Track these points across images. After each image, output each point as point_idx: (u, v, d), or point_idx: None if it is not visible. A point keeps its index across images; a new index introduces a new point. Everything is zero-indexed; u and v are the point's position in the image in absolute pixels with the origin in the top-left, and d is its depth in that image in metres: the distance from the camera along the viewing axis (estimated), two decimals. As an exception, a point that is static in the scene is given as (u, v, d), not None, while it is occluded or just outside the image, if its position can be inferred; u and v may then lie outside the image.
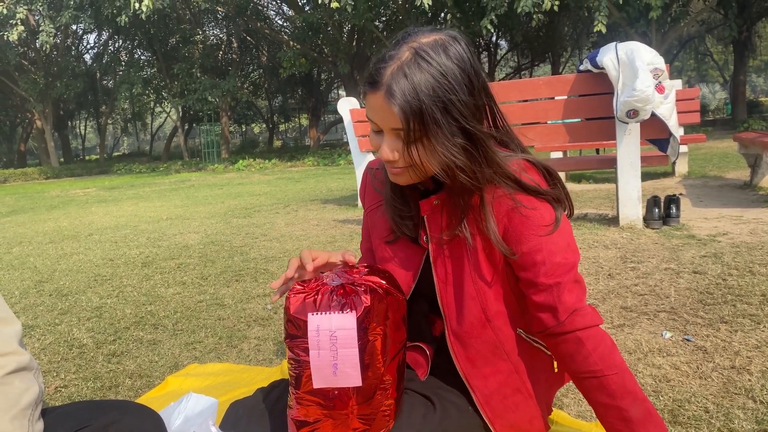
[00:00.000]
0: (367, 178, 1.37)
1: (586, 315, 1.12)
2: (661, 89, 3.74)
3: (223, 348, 2.38)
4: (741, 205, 4.68)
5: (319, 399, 1.05)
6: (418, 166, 1.05)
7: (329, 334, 1.01)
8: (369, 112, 1.06)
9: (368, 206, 1.36)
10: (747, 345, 1.96)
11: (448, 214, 1.16)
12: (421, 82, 0.98)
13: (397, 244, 1.27)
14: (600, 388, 1.10)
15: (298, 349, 1.04)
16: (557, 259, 1.10)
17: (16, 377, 1.01)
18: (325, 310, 1.02)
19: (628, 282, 2.80)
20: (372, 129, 1.09)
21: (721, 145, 11.28)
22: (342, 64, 19.94)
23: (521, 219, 1.09)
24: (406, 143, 1.03)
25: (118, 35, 26.56)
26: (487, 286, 1.15)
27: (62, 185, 16.01)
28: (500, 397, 1.20)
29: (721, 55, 37.51)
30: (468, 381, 1.19)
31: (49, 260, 4.54)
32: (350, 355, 1.01)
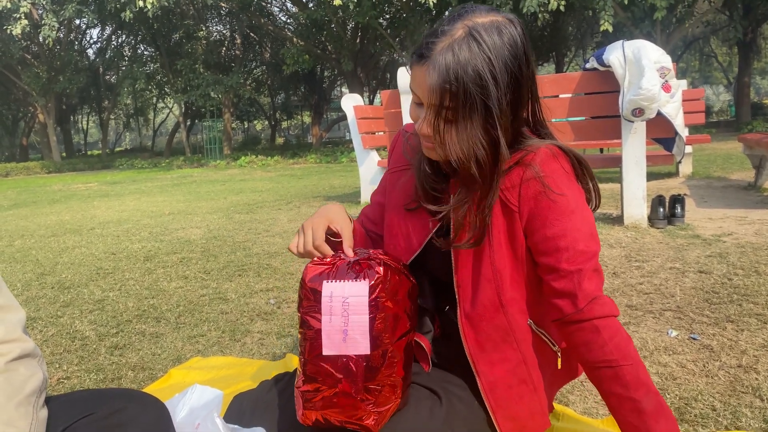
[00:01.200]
0: (399, 140, 1.35)
1: (605, 304, 1.11)
2: (668, 88, 3.73)
3: (227, 342, 2.37)
4: (745, 205, 4.66)
5: (326, 367, 1.05)
6: (448, 146, 1.04)
7: (342, 300, 1.04)
8: (413, 84, 1.05)
9: (393, 167, 1.35)
10: (754, 344, 1.94)
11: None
12: (468, 64, 0.96)
13: (411, 213, 1.25)
14: (614, 378, 1.09)
15: (310, 316, 1.07)
16: (580, 247, 1.09)
17: (20, 364, 1.00)
18: (340, 278, 1.06)
19: (633, 281, 2.78)
20: (414, 100, 1.08)
21: (725, 147, 11.25)
22: (345, 61, 19.92)
23: (548, 203, 1.08)
24: (434, 119, 1.02)
25: (121, 30, 26.54)
26: (504, 270, 1.14)
27: (64, 179, 16.01)
28: (505, 386, 1.18)
29: (726, 57, 37.45)
30: (475, 366, 1.18)
31: (51, 253, 4.53)
32: (361, 322, 1.03)
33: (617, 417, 1.12)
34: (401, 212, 1.27)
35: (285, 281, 3.22)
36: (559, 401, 1.65)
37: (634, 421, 1.08)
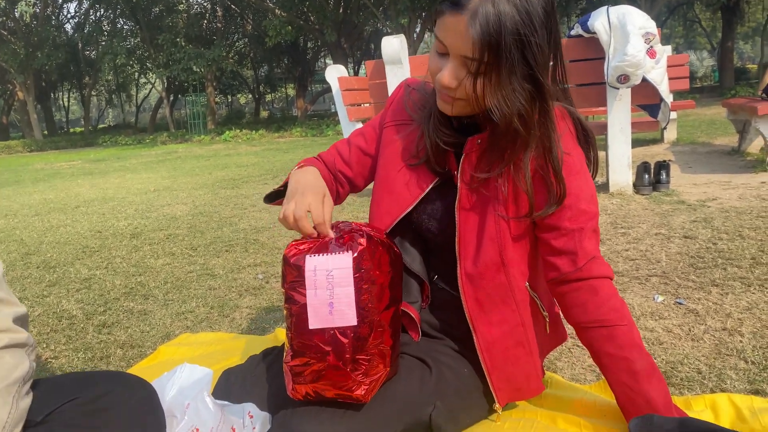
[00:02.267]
0: (401, 93, 1.31)
1: (603, 264, 1.14)
2: (653, 54, 3.71)
3: (215, 317, 2.36)
4: (729, 170, 4.69)
5: (314, 340, 1.05)
6: (477, 100, 1.02)
7: (326, 273, 1.03)
8: (441, 32, 1.00)
9: (391, 120, 1.30)
10: (738, 307, 1.97)
11: (487, 155, 1.13)
12: (508, 15, 0.93)
13: (410, 169, 1.23)
14: (609, 338, 1.11)
15: (294, 291, 1.06)
16: (582, 206, 1.11)
17: (7, 352, 0.99)
18: (323, 252, 1.05)
19: (619, 247, 2.80)
20: (436, 51, 1.04)
21: (709, 112, 11.29)
22: (329, 32, 19.64)
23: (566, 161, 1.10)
24: (473, 74, 0.98)
25: (99, 4, 25.97)
26: (508, 230, 1.14)
27: (47, 158, 15.79)
28: (502, 347, 1.19)
29: (710, 22, 37.34)
30: (473, 325, 1.19)
31: (36, 233, 4.48)
32: (346, 294, 1.03)
33: (610, 377, 1.13)
34: (398, 167, 1.24)
35: (273, 256, 3.21)
36: (547, 368, 1.67)
37: (627, 381, 1.10)
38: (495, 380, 1.20)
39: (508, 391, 1.23)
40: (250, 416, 1.18)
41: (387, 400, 1.12)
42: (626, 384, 1.11)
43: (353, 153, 1.34)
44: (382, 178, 1.27)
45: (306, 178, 1.20)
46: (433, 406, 1.15)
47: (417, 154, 1.21)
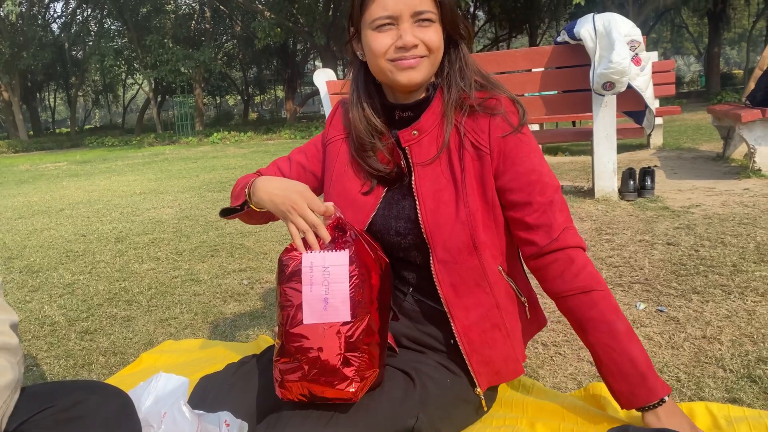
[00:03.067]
0: (338, 110, 1.38)
1: (576, 234, 1.20)
2: (638, 61, 3.74)
3: (199, 324, 2.35)
4: (714, 176, 4.74)
5: (306, 337, 1.06)
6: (437, 50, 1.15)
7: (322, 269, 1.07)
8: (384, 8, 1.11)
9: (334, 135, 1.36)
10: (718, 315, 1.99)
11: (429, 139, 1.22)
12: None
13: (360, 179, 1.29)
14: (591, 303, 1.16)
15: (289, 288, 1.09)
16: (547, 180, 1.19)
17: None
18: (320, 249, 1.09)
19: (603, 254, 2.82)
20: (380, 27, 1.13)
21: (695, 117, 11.39)
22: (318, 34, 19.63)
23: (516, 142, 1.18)
24: (437, 18, 1.13)
25: (86, 4, 25.81)
26: (477, 213, 1.18)
27: (32, 159, 15.64)
28: (479, 330, 1.21)
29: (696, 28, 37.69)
30: (449, 309, 1.21)
31: (19, 236, 4.44)
32: (341, 290, 1.06)
33: (592, 340, 1.18)
34: (352, 178, 1.29)
35: (258, 261, 3.20)
36: (529, 376, 1.68)
37: (610, 343, 1.15)
38: (474, 363, 1.22)
39: (488, 375, 1.24)
40: (227, 424, 1.17)
41: (370, 411, 1.12)
42: (609, 346, 1.16)
43: (293, 168, 1.39)
44: (338, 192, 1.30)
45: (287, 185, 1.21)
46: (416, 419, 1.16)
47: (366, 177, 1.28)
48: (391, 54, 1.13)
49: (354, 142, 1.27)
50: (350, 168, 1.30)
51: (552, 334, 1.96)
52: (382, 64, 1.15)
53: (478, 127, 1.18)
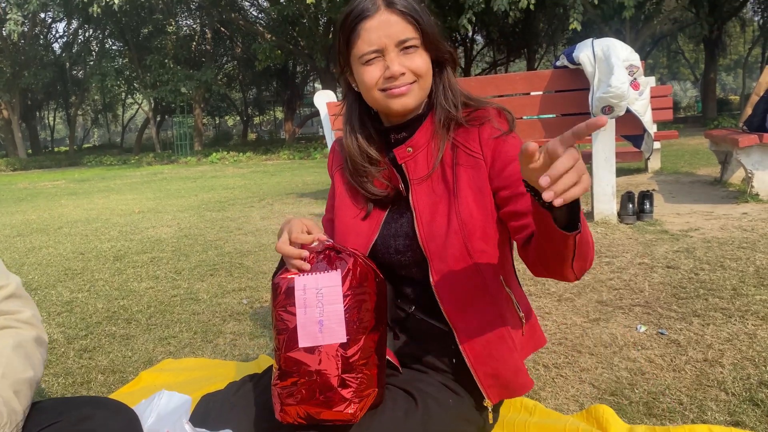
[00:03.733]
0: (336, 148, 1.42)
1: None
2: (636, 86, 3.78)
3: (198, 343, 2.34)
4: (712, 200, 4.76)
5: (303, 360, 1.06)
6: (425, 75, 1.18)
7: (316, 291, 1.06)
8: (368, 42, 1.15)
9: (335, 171, 1.40)
10: (719, 338, 1.99)
11: (424, 155, 1.25)
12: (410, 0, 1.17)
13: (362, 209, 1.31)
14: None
15: (284, 312, 1.08)
16: None
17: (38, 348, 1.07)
18: (312, 272, 1.08)
19: (603, 276, 2.82)
20: (368, 62, 1.17)
21: (692, 142, 11.47)
22: (318, 57, 19.79)
23: (505, 142, 1.20)
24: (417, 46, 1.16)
25: (88, 24, 26.01)
26: (472, 221, 1.19)
27: (30, 177, 15.66)
28: (483, 342, 1.20)
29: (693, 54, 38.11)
30: (451, 323, 1.20)
31: (18, 254, 4.43)
32: (336, 311, 1.05)
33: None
34: (352, 208, 1.32)
35: (257, 280, 3.19)
36: (530, 397, 1.67)
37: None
38: (482, 376, 1.21)
39: (497, 388, 1.23)
40: (230, 444, 1.17)
41: (371, 430, 1.11)
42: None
43: (328, 226, 1.43)
44: (340, 219, 1.33)
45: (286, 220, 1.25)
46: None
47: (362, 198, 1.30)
48: (381, 84, 1.17)
49: (349, 168, 1.31)
50: (349, 195, 1.33)
51: (553, 355, 1.96)
52: (375, 95, 1.19)
53: (469, 136, 1.22)
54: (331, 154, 1.44)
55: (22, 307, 1.08)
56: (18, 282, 1.11)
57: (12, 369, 0.97)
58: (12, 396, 0.95)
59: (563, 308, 2.42)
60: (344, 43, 1.19)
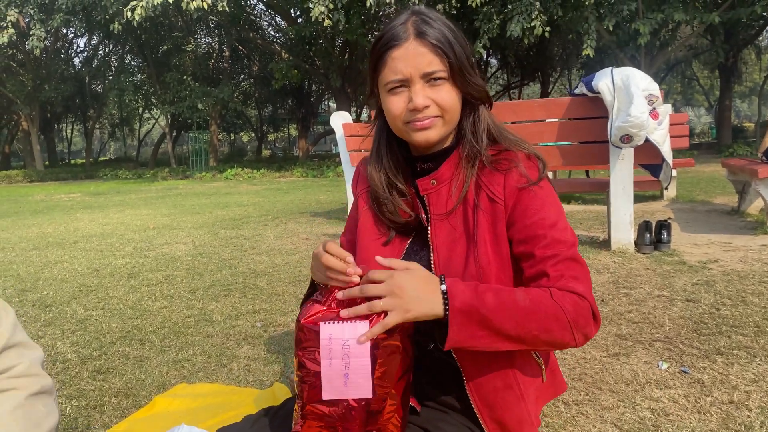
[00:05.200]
0: (361, 169, 1.40)
1: (590, 294, 1.11)
2: (656, 115, 3.76)
3: (212, 367, 2.32)
4: (729, 231, 4.70)
5: (326, 411, 1.02)
6: (451, 109, 1.15)
7: (342, 343, 1.00)
8: (395, 70, 1.13)
9: (360, 192, 1.37)
10: (744, 379, 1.94)
11: (447, 190, 1.22)
12: (442, 26, 1.14)
13: (385, 237, 1.29)
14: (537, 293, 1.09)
15: (308, 359, 1.03)
16: (557, 235, 1.13)
17: (39, 400, 0.99)
18: (339, 320, 1.02)
19: (621, 308, 2.78)
20: (393, 94, 1.15)
21: (707, 170, 11.40)
22: (334, 77, 19.97)
23: (529, 194, 1.16)
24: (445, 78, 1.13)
25: (108, 40, 26.42)
26: (489, 267, 1.15)
27: (47, 189, 15.81)
28: (490, 388, 1.18)
29: (707, 80, 38.06)
30: (460, 364, 1.18)
31: (33, 268, 4.45)
32: (362, 365, 1.00)
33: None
34: (375, 234, 1.29)
35: (272, 303, 3.18)
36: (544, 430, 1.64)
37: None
38: (488, 421, 1.19)
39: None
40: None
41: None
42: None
43: (347, 247, 1.39)
44: (362, 248, 1.31)
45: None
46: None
47: (384, 225, 1.28)
48: (406, 116, 1.15)
49: (372, 194, 1.29)
50: (372, 220, 1.31)
51: (573, 392, 1.92)
52: (399, 126, 1.18)
53: (494, 180, 1.18)
54: (356, 173, 1.41)
55: (17, 359, 1.01)
56: (11, 324, 1.03)
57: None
58: None
59: (582, 341, 2.38)
60: (372, 67, 1.18)
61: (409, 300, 1.01)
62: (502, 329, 1.03)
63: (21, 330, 1.04)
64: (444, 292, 1.03)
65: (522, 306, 1.05)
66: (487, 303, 1.03)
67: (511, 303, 1.05)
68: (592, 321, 1.09)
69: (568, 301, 1.07)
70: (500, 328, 1.03)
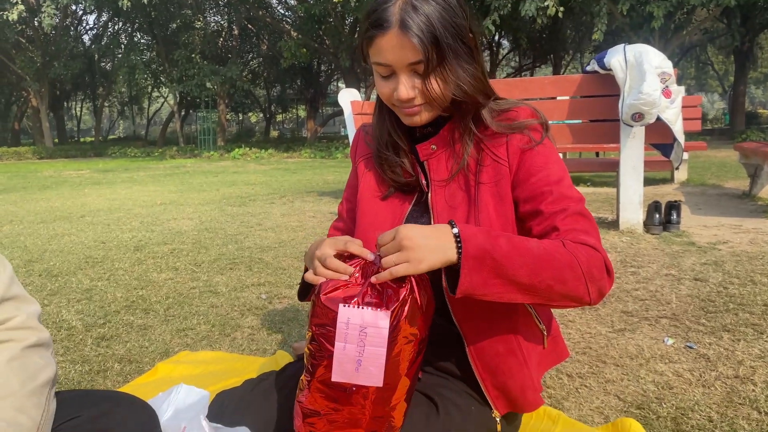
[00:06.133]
0: (360, 135, 1.38)
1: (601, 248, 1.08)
2: (668, 93, 3.71)
3: (216, 336, 2.33)
4: (740, 214, 4.66)
5: (333, 392, 1.00)
6: (437, 98, 1.09)
7: (359, 329, 0.96)
8: (380, 56, 1.07)
9: (359, 158, 1.36)
10: (750, 354, 1.92)
11: (447, 155, 1.20)
12: (431, 11, 1.03)
13: (385, 200, 1.27)
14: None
15: (322, 337, 1.00)
16: (564, 191, 1.12)
17: (35, 352, 0.98)
18: (359, 304, 0.97)
19: (628, 286, 2.76)
20: (381, 75, 1.11)
21: (719, 155, 11.28)
22: (343, 56, 19.85)
23: (533, 153, 1.15)
24: (425, 73, 1.06)
25: (118, 17, 26.34)
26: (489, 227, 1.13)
27: (56, 166, 15.87)
28: (492, 353, 1.16)
29: (722, 65, 37.61)
30: (462, 331, 1.16)
31: (40, 240, 4.47)
32: (377, 354, 0.97)
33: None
34: (376, 196, 1.28)
35: (277, 276, 3.17)
36: (554, 406, 1.62)
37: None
38: (489, 387, 1.17)
39: (504, 401, 1.19)
40: (246, 441, 1.14)
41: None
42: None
43: (347, 215, 1.40)
44: (363, 211, 1.29)
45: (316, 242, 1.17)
46: (438, 445, 1.11)
47: (385, 186, 1.27)
48: (393, 101, 1.13)
49: (374, 152, 1.28)
50: (373, 183, 1.29)
51: (577, 365, 1.91)
52: (389, 105, 1.17)
53: (497, 141, 1.15)
54: (355, 140, 1.40)
55: (14, 311, 1.00)
56: (7, 278, 1.02)
57: (9, 388, 0.92)
58: (15, 414, 0.90)
59: (587, 317, 2.37)
60: (361, 40, 1.13)
61: (419, 248, 0.96)
62: (516, 276, 0.98)
63: (18, 284, 1.03)
64: (456, 235, 0.98)
65: (536, 253, 1.00)
66: (501, 247, 0.98)
67: (524, 249, 1.00)
68: (605, 274, 1.05)
69: (582, 252, 1.03)
70: (514, 275, 0.98)
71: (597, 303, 1.06)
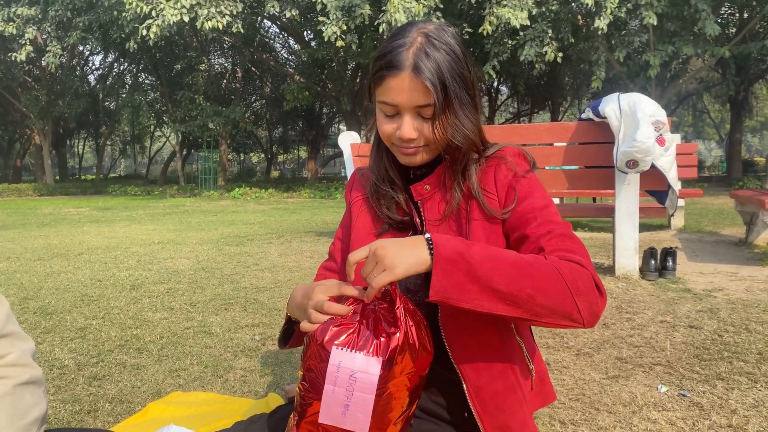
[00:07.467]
0: (356, 176, 1.41)
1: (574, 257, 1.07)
2: (662, 141, 3.77)
3: (208, 377, 2.31)
4: (736, 261, 4.67)
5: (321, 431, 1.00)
6: (438, 141, 1.14)
7: (350, 373, 0.96)
8: (388, 95, 1.12)
9: (354, 199, 1.38)
10: (744, 404, 1.91)
11: (441, 196, 1.22)
12: (442, 60, 1.09)
13: (379, 237, 1.28)
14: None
15: (313, 378, 1.00)
16: (549, 217, 1.15)
17: (27, 389, 0.99)
18: (352, 347, 0.98)
19: (623, 333, 2.76)
20: (385, 114, 1.15)
21: (716, 202, 11.35)
22: (345, 100, 20.13)
23: (519, 185, 1.18)
24: (432, 117, 1.11)
25: (124, 58, 26.80)
26: None
27: (56, 203, 15.93)
28: (491, 392, 1.15)
29: (718, 114, 38.13)
30: (460, 369, 1.15)
31: (36, 277, 4.46)
32: (365, 401, 0.96)
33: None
34: (370, 236, 1.29)
35: (271, 317, 3.17)
36: (545, 455, 1.61)
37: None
38: (489, 429, 1.15)
39: None
40: (235, 485, 1.13)
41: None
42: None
43: (338, 256, 1.41)
44: (356, 247, 1.28)
45: (300, 288, 1.18)
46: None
47: (380, 224, 1.29)
48: (394, 139, 1.17)
49: (372, 186, 1.30)
50: (368, 222, 1.31)
51: (570, 411, 1.90)
52: (387, 144, 1.21)
53: (486, 176, 1.20)
54: (351, 181, 1.42)
55: (8, 348, 1.01)
56: (4, 315, 1.03)
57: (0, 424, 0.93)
58: None
59: (581, 363, 2.36)
60: (371, 78, 1.17)
61: (394, 255, 0.97)
62: (492, 282, 0.98)
63: (14, 321, 1.05)
64: (428, 240, 1.00)
65: (513, 261, 1.01)
66: (476, 252, 0.99)
67: (501, 257, 1.01)
68: (595, 290, 1.03)
69: (565, 266, 1.03)
70: (490, 280, 0.98)
71: (592, 324, 1.03)
